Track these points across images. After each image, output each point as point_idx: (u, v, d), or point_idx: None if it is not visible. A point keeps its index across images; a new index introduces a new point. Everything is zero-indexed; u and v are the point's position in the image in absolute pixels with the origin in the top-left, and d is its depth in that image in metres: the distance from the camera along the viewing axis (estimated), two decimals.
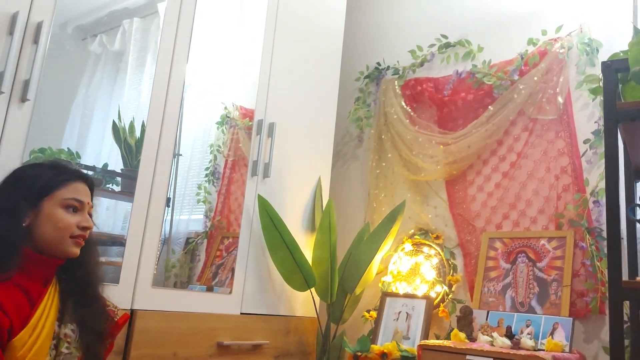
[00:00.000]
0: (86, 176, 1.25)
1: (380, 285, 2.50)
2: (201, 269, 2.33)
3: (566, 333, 1.86)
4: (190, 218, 2.45)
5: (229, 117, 2.45)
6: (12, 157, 1.46)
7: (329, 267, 2.30)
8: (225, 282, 2.20)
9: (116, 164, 2.03)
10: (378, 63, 2.91)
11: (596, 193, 2.11)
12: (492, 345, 1.83)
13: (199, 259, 2.36)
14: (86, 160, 1.94)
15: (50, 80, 1.66)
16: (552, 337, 1.85)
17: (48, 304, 1.13)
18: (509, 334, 1.92)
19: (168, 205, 2.18)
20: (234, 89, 2.48)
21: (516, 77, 2.37)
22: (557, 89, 2.29)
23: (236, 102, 2.45)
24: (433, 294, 2.35)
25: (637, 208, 1.70)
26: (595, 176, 2.13)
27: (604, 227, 2.03)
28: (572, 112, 2.25)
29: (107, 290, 1.31)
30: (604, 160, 1.54)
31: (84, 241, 1.18)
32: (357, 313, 2.50)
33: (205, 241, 2.37)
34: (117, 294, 1.52)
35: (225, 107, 2.44)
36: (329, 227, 2.29)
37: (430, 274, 2.41)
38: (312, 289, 2.32)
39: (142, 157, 1.85)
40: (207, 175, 2.44)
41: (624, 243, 1.85)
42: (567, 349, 1.81)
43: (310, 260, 2.33)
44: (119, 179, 2.05)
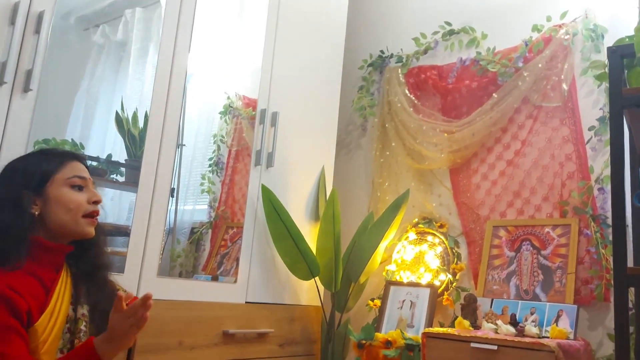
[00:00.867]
0: (78, 154, 1.28)
1: (384, 274, 2.50)
2: (206, 259, 2.34)
3: (571, 320, 1.86)
4: (195, 208, 2.46)
5: (232, 106, 2.44)
6: (16, 147, 1.46)
7: (333, 257, 2.30)
8: (230, 271, 2.21)
9: (120, 155, 2.03)
10: (381, 51, 2.89)
11: (601, 180, 2.10)
12: (496, 332, 1.84)
13: (204, 249, 2.37)
14: (90, 151, 1.94)
15: (53, 70, 1.66)
16: (557, 325, 1.86)
17: (62, 289, 1.14)
18: (514, 322, 1.92)
19: (172, 196, 2.19)
20: (237, 78, 2.48)
21: (520, 64, 2.35)
22: (562, 76, 2.27)
23: (239, 92, 2.44)
24: (437, 283, 2.35)
25: None
26: (600, 163, 2.12)
27: (609, 214, 2.03)
28: (577, 99, 2.24)
29: (113, 279, 1.32)
30: (609, 147, 1.54)
31: (97, 218, 1.20)
32: (362, 302, 2.51)
33: (210, 231, 2.37)
34: (122, 283, 1.52)
35: (228, 97, 2.44)
36: (333, 217, 2.30)
37: (435, 262, 2.41)
38: (317, 278, 2.32)
39: (145, 148, 1.86)
40: (210, 165, 2.44)
41: (629, 230, 1.85)
42: (571, 336, 1.82)
43: (314, 250, 2.34)
44: (123, 169, 2.05)
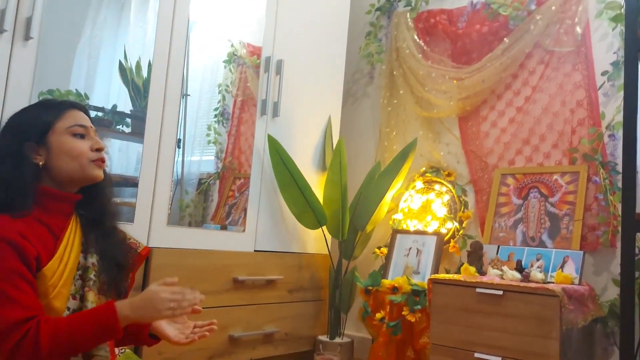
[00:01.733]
0: (77, 103, 1.25)
1: (391, 223, 2.52)
2: (215, 209, 2.36)
3: (576, 266, 1.88)
4: (202, 159, 2.46)
5: (236, 55, 2.40)
6: (21, 98, 1.45)
7: (340, 206, 2.31)
8: (238, 221, 2.23)
9: (125, 105, 2.02)
10: None
11: (612, 126, 2.07)
12: (501, 278, 1.86)
13: (212, 199, 2.39)
14: (95, 101, 1.93)
15: (53, 19, 1.62)
16: (562, 270, 1.88)
17: (71, 236, 1.16)
18: (519, 268, 1.94)
19: (179, 147, 2.19)
20: (241, 25, 2.41)
21: (533, 7, 2.27)
22: (576, 19, 2.20)
23: (243, 39, 2.39)
24: (444, 231, 2.37)
25: None
26: (611, 109, 2.08)
27: (619, 161, 2.00)
28: (591, 43, 2.17)
29: (123, 229, 1.34)
30: (621, 93, 1.50)
31: (104, 164, 1.20)
32: (368, 250, 2.54)
33: (218, 182, 2.38)
34: (132, 233, 1.54)
35: (232, 45, 2.39)
36: (340, 167, 2.29)
37: (441, 210, 2.42)
38: (324, 227, 2.35)
39: (149, 98, 1.84)
40: (216, 115, 2.42)
41: (638, 177, 1.83)
42: (576, 281, 1.84)
43: (321, 199, 2.35)
44: (128, 120, 2.04)
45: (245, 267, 2.10)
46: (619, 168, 1.99)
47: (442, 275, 1.92)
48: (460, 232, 2.36)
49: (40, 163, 1.13)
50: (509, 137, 2.34)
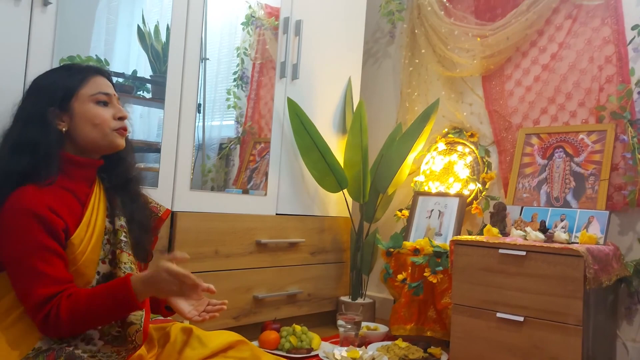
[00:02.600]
0: (102, 69, 1.24)
1: (413, 185, 2.51)
2: (236, 173, 2.38)
3: (601, 226, 1.86)
4: (222, 124, 2.46)
5: (254, 16, 2.36)
6: (42, 64, 1.46)
7: (360, 169, 2.31)
8: (260, 185, 2.25)
9: (145, 71, 2.01)
10: None
11: None
12: (525, 239, 1.85)
13: (234, 164, 2.40)
14: (115, 67, 1.93)
15: None
16: (587, 230, 1.86)
17: (96, 202, 1.18)
18: (543, 228, 1.93)
19: (199, 112, 2.19)
20: None
21: None
22: None
23: (261, 0, 2.35)
24: (466, 192, 2.35)
25: None
26: None
27: None
28: None
29: (147, 193, 1.36)
30: None
31: (126, 132, 1.20)
32: (390, 212, 2.54)
33: (238, 146, 2.39)
34: (156, 197, 1.57)
35: (250, 6, 2.35)
36: (360, 129, 2.27)
37: (464, 172, 2.40)
38: (345, 190, 2.35)
39: (169, 63, 1.84)
40: (235, 79, 2.41)
41: None
42: (601, 241, 1.82)
43: (342, 162, 2.34)
44: (149, 85, 2.04)
45: (268, 231, 2.13)
46: None
47: (465, 237, 1.91)
48: (483, 193, 2.34)
49: (63, 129, 1.14)
50: (533, 96, 2.28)
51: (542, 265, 1.67)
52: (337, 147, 2.43)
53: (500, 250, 1.76)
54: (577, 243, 1.79)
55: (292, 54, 2.21)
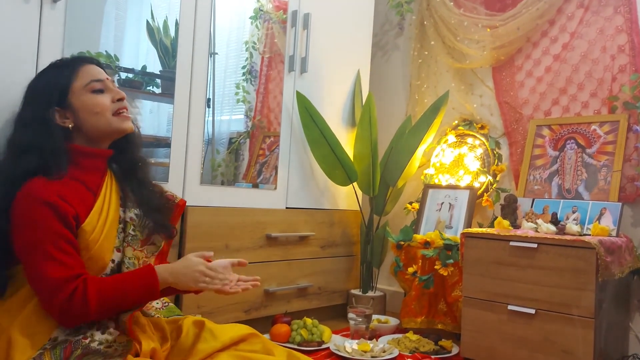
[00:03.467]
0: (89, 57, 1.27)
1: (422, 178, 2.50)
2: (246, 168, 2.38)
3: (614, 218, 1.84)
4: (231, 118, 2.46)
5: (262, 10, 2.35)
6: (52, 59, 1.45)
7: (370, 162, 2.30)
8: (269, 179, 2.25)
9: (154, 66, 2.02)
10: None
11: None
12: (536, 231, 1.84)
13: (243, 158, 2.40)
14: (124, 62, 1.93)
15: None
16: (599, 222, 1.84)
17: (107, 191, 1.20)
18: (554, 220, 1.91)
19: (208, 106, 2.19)
20: None
21: None
22: None
23: None
24: (477, 185, 2.34)
25: None
26: None
27: None
28: None
29: (159, 184, 1.37)
30: None
31: (127, 111, 1.22)
32: (399, 205, 2.54)
33: (248, 141, 2.39)
34: None
35: (258, 0, 2.34)
36: (370, 122, 2.27)
37: (474, 164, 2.38)
38: (355, 183, 2.35)
39: (178, 58, 1.84)
40: (244, 74, 2.40)
41: None
42: (614, 233, 1.80)
43: (351, 156, 2.34)
44: (158, 80, 2.05)
45: (278, 224, 2.13)
46: None
47: (475, 230, 1.91)
48: (494, 185, 2.33)
49: (70, 126, 1.16)
50: (545, 87, 2.26)
51: (554, 257, 1.66)
52: (347, 141, 2.43)
53: (512, 243, 1.75)
54: (589, 235, 1.78)
55: (300, 47, 2.20)
